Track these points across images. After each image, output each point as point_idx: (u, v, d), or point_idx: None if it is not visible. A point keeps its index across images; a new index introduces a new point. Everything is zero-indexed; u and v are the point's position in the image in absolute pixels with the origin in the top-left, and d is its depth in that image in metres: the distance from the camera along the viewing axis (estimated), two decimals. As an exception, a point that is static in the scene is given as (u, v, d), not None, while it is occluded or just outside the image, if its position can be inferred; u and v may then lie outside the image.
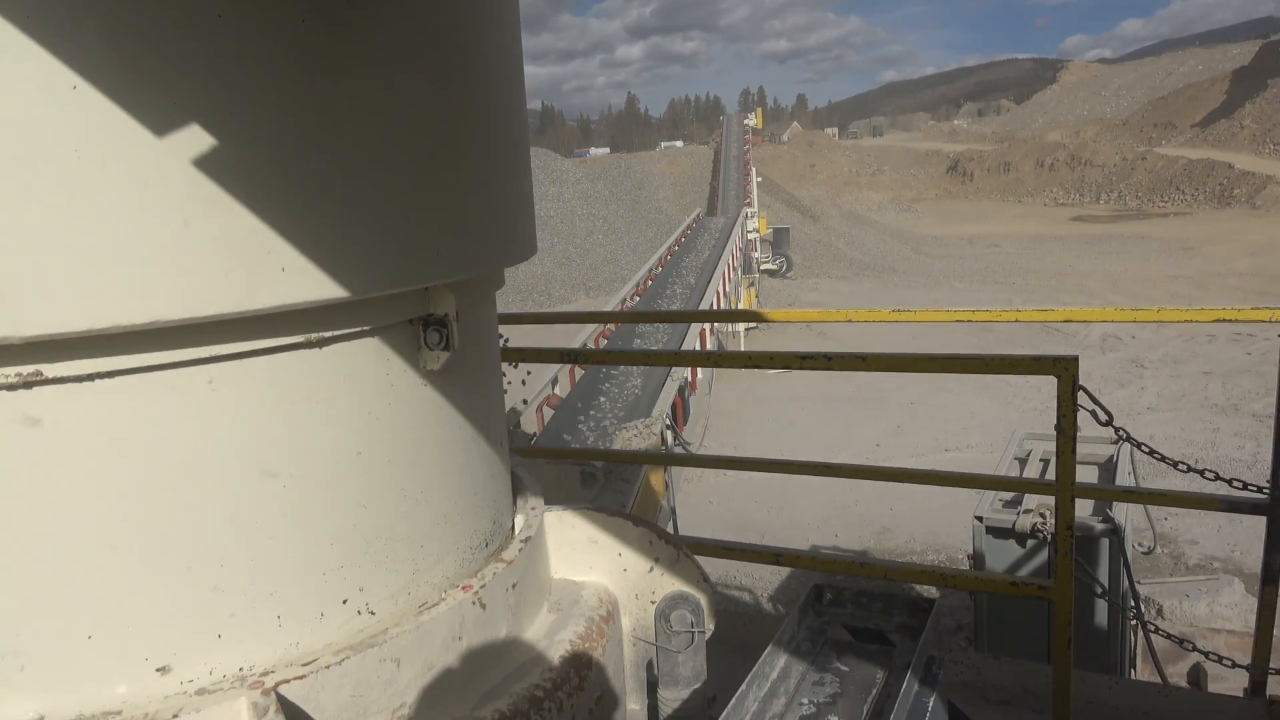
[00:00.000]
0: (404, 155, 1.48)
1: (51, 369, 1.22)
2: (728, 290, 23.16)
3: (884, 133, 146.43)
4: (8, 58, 1.09)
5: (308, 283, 1.34)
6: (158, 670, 1.34)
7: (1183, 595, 7.79)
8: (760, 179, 45.38)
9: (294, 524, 1.44)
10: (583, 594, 2.02)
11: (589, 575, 2.08)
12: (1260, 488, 3.04)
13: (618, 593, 2.08)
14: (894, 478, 3.39)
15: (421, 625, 1.55)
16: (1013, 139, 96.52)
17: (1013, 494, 4.78)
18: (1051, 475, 3.64)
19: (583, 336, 14.19)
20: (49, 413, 1.24)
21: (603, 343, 15.20)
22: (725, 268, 23.73)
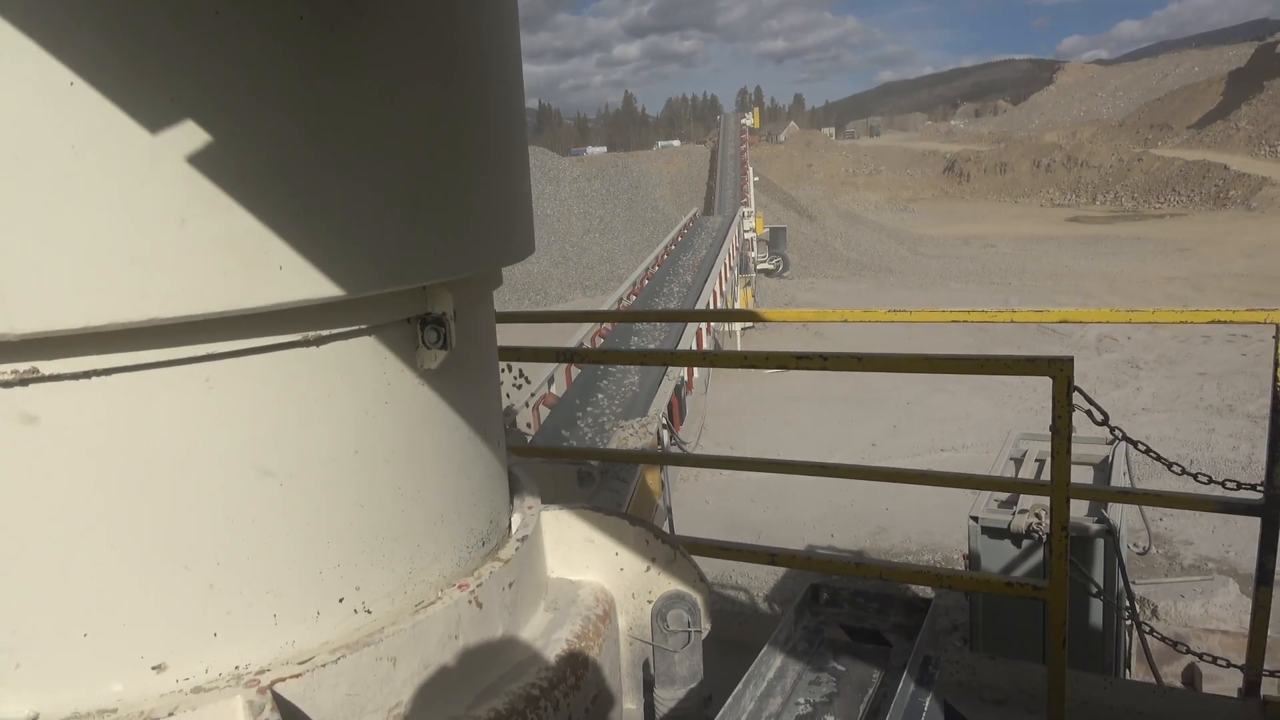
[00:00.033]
0: (402, 154, 1.47)
1: (48, 366, 1.21)
2: (724, 290, 23.18)
3: (881, 133, 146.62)
4: (5, 55, 1.09)
5: (305, 281, 1.33)
6: (153, 668, 1.34)
7: (1177, 596, 7.83)
8: (757, 178, 45.45)
9: (291, 522, 1.43)
10: (579, 593, 2.02)
11: (585, 574, 2.08)
12: (1255, 488, 3.05)
13: (614, 592, 2.08)
14: (890, 478, 3.40)
15: (418, 624, 1.55)
16: (1009, 140, 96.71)
17: (1008, 494, 4.80)
18: (1047, 476, 3.64)
19: (579, 335, 14.19)
20: (45, 410, 1.23)
21: (599, 342, 15.19)
22: (722, 267, 23.76)
